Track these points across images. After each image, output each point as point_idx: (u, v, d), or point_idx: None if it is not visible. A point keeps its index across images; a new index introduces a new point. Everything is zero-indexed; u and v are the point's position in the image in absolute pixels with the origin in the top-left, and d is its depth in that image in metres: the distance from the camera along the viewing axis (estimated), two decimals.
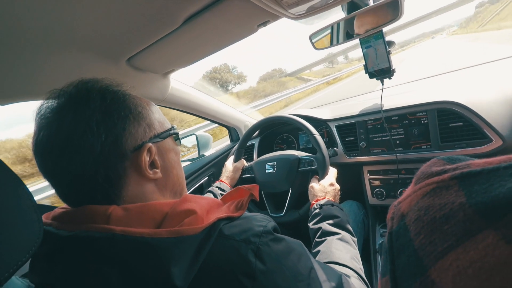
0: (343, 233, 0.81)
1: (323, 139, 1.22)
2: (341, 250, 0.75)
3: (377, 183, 1.17)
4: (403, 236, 0.21)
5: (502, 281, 0.14)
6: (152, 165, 0.51)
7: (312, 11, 0.83)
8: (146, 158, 0.48)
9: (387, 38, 1.08)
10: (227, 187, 1.17)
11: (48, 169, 0.45)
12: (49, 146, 0.44)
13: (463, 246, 0.16)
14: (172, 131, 0.57)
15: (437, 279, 0.17)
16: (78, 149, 0.43)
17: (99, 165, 0.44)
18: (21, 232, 0.35)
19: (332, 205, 0.91)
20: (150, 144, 0.49)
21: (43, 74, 0.73)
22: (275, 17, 0.83)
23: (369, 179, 1.19)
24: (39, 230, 0.37)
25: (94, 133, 0.44)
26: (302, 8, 0.78)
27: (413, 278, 0.19)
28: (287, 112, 1.33)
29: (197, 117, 1.46)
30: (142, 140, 0.49)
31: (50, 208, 0.53)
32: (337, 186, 1.02)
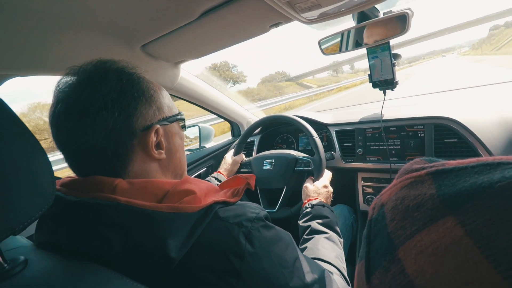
0: (331, 233, 0.84)
1: (322, 142, 1.26)
2: (327, 248, 0.78)
3: (369, 190, 1.20)
4: (380, 222, 0.24)
5: (454, 257, 0.17)
6: (158, 146, 0.53)
7: (324, 17, 0.86)
8: (153, 138, 0.52)
9: (397, 51, 1.11)
10: (224, 179, 1.21)
11: (62, 139, 0.49)
12: (65, 118, 0.47)
13: (427, 229, 0.19)
14: (179, 117, 0.60)
15: (403, 257, 0.20)
16: (93, 123, 0.46)
17: (110, 140, 0.47)
18: (37, 190, 0.39)
19: (323, 206, 0.94)
20: (158, 125, 0.52)
21: (62, 51, 0.76)
22: (288, 20, 0.86)
23: (363, 186, 1.23)
24: (52, 190, 0.40)
25: (108, 110, 0.47)
26: (315, 13, 0.81)
27: (383, 257, 0.22)
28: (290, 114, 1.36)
29: (202, 111, 1.49)
30: (151, 121, 0.52)
31: (57, 178, 0.57)
32: (330, 189, 1.05)
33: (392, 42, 1.08)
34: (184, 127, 0.63)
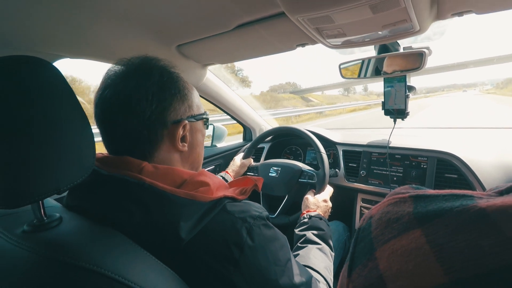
0: (324, 245, 0.89)
1: (328, 159, 1.31)
2: (318, 258, 0.82)
3: (367, 211, 1.25)
4: (367, 230, 0.30)
5: (415, 257, 0.23)
6: (183, 139, 0.60)
7: (347, 45, 0.93)
8: (180, 132, 0.58)
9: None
10: (230, 179, 1.27)
11: (103, 120, 0.56)
12: (110, 102, 0.55)
13: (400, 237, 0.25)
14: (204, 116, 0.67)
15: (379, 256, 0.26)
16: (133, 111, 0.54)
17: (144, 127, 0.55)
18: (81, 159, 0.45)
19: (321, 218, 0.99)
20: (186, 121, 0.59)
21: (109, 40, 0.85)
22: (314, 42, 0.93)
23: (361, 206, 1.28)
24: (92, 162, 0.47)
25: (148, 101, 0.54)
26: (339, 40, 0.88)
27: (364, 256, 0.28)
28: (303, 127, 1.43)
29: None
30: (181, 116, 0.59)
31: None
32: (330, 204, 1.10)
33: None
34: (207, 126, 0.70)
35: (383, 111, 1.24)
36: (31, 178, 0.40)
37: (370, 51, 1.14)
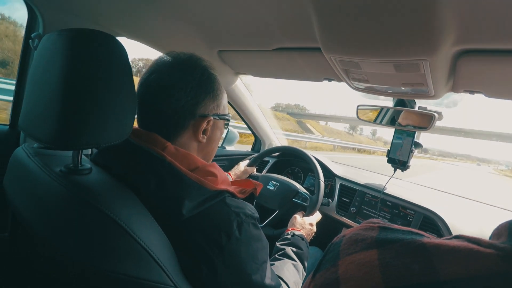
0: (299, 263, 0.94)
1: (325, 188, 1.39)
2: (291, 272, 0.87)
3: (343, 232, 1.31)
4: (337, 244, 0.38)
5: (365, 268, 0.30)
6: (204, 132, 0.68)
7: (369, 91, 1.03)
8: (204, 125, 0.67)
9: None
10: (231, 180, 1.35)
11: (144, 99, 0.65)
12: (154, 85, 0.64)
13: (360, 253, 0.33)
14: (227, 117, 0.76)
15: (340, 264, 0.33)
16: (171, 97, 0.63)
17: (176, 113, 0.63)
18: (123, 125, 0.54)
19: (302, 239, 1.05)
20: (211, 117, 0.68)
21: (164, 33, 0.96)
22: (339, 80, 1.03)
23: None
24: (130, 130, 0.56)
25: (186, 93, 0.63)
26: (363, 85, 0.97)
27: (329, 263, 0.35)
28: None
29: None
30: (209, 112, 0.68)
31: None
32: (314, 229, 1.16)
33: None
34: (226, 126, 0.79)
35: (387, 158, 1.32)
36: (82, 130, 0.48)
37: (388, 101, 1.23)
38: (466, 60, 0.69)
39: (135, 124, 0.68)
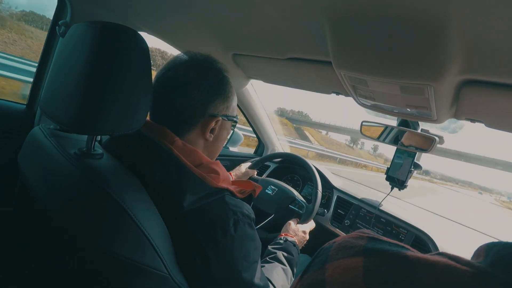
0: (288, 268, 0.96)
1: (322, 199, 1.41)
2: (279, 276, 0.89)
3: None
4: (327, 249, 0.40)
5: (350, 273, 0.32)
6: (212, 130, 0.71)
7: (375, 108, 1.05)
8: (213, 124, 0.70)
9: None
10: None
11: (159, 94, 0.67)
12: (170, 82, 0.67)
13: (347, 259, 0.35)
14: (235, 119, 0.78)
15: (327, 268, 0.35)
16: (184, 95, 0.66)
17: (187, 110, 0.66)
18: (137, 116, 0.57)
19: (294, 245, 1.07)
20: (220, 118, 0.71)
21: (183, 33, 1.00)
22: (347, 95, 1.06)
23: None
24: (143, 121, 0.58)
25: (199, 91, 0.66)
26: (369, 102, 1.00)
27: (317, 266, 0.37)
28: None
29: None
30: (218, 112, 0.70)
31: None
32: (307, 237, 1.18)
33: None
34: (233, 128, 0.81)
35: (386, 175, 1.34)
36: (99, 117, 0.51)
37: (390, 119, 1.25)
38: (470, 89, 0.71)
39: (148, 117, 0.72)
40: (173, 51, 1.08)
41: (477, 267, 0.28)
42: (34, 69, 0.96)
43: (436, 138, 1.03)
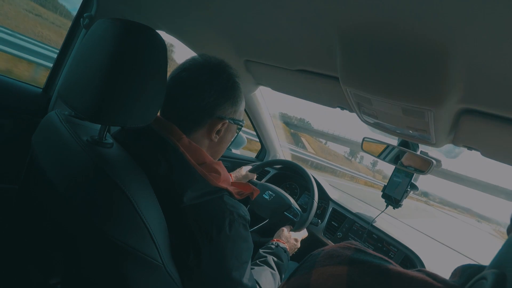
0: (277, 273, 0.98)
1: (317, 209, 1.43)
2: (268, 280, 0.91)
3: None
4: (315, 256, 0.42)
5: (334, 280, 0.35)
6: (217, 132, 0.74)
7: (377, 127, 1.08)
8: (219, 126, 0.73)
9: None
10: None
11: (171, 92, 0.71)
12: (183, 82, 0.70)
13: (333, 266, 0.37)
14: (241, 123, 0.81)
15: (313, 273, 0.38)
16: (195, 95, 0.69)
17: (196, 110, 0.70)
18: (149, 111, 0.60)
19: (285, 251, 1.09)
20: (227, 121, 0.74)
21: (200, 36, 1.03)
22: (351, 110, 1.08)
23: None
24: (154, 116, 0.62)
25: (209, 94, 0.70)
26: (372, 120, 1.03)
27: (304, 270, 0.40)
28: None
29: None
30: (226, 115, 0.74)
31: None
32: (298, 245, 1.19)
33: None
34: (238, 131, 0.84)
35: (382, 193, 1.36)
36: (114, 109, 0.55)
37: (391, 138, 1.27)
38: (469, 118, 0.74)
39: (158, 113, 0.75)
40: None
41: (451, 285, 0.30)
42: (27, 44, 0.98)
43: (434, 161, 1.05)
